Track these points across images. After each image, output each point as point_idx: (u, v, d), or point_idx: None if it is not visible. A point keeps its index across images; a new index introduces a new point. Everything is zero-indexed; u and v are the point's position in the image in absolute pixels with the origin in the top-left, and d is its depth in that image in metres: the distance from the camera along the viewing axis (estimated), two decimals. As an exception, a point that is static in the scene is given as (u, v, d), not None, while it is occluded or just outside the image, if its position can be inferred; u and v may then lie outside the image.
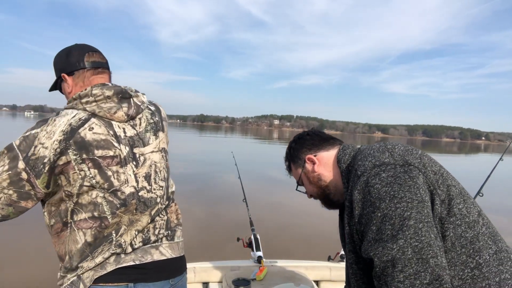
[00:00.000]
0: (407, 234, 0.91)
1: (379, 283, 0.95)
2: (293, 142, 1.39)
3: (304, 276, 2.63)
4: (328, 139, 1.35)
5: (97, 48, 1.41)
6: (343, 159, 1.22)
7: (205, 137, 46.12)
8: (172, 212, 1.45)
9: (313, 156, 1.31)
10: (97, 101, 1.26)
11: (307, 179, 1.34)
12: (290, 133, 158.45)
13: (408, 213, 0.93)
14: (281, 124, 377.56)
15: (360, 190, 1.03)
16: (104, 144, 1.22)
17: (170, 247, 1.39)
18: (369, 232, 0.98)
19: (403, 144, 1.12)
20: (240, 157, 9.93)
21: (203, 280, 2.65)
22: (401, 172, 1.00)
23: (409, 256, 0.89)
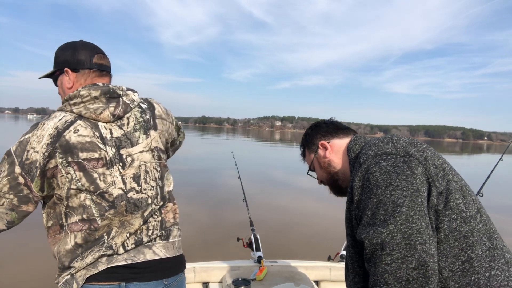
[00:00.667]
0: (398, 220, 0.94)
1: (368, 264, 0.99)
2: (310, 128, 1.46)
3: (304, 276, 2.63)
4: (343, 129, 1.40)
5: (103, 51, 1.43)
6: (353, 148, 1.27)
7: (207, 139, 46.13)
8: (168, 212, 1.42)
9: (326, 142, 1.36)
10: (84, 102, 1.26)
11: (318, 164, 1.40)
12: (292, 134, 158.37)
13: (401, 200, 0.97)
14: (283, 125, 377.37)
15: (360, 177, 1.07)
16: (89, 146, 1.23)
17: (164, 247, 1.36)
18: (364, 217, 1.02)
19: (409, 138, 1.14)
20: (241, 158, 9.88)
21: (203, 280, 2.65)
22: (400, 162, 1.04)
23: (398, 241, 0.92)
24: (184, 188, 9.10)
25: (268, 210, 7.89)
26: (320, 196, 10.22)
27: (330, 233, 6.38)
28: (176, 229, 1.44)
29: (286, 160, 22.31)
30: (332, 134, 1.38)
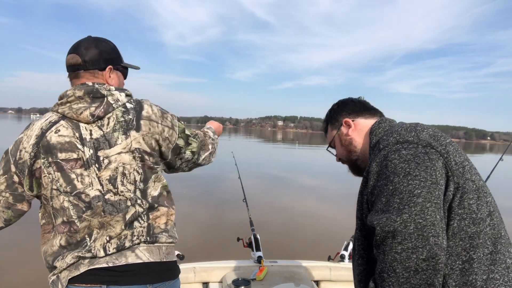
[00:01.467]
0: (413, 210, 0.93)
1: (377, 251, 0.98)
2: (336, 104, 1.43)
3: (304, 276, 2.63)
4: (370, 109, 1.37)
5: None
6: (376, 131, 1.25)
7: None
8: (158, 217, 1.33)
9: (351, 120, 1.34)
10: (69, 102, 1.27)
11: (339, 142, 1.38)
12: (294, 134, 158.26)
13: (418, 191, 0.95)
14: (285, 125, 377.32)
15: (379, 163, 1.05)
16: (68, 146, 1.23)
17: (148, 250, 1.28)
18: (378, 203, 1.01)
19: (434, 129, 1.11)
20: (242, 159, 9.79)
21: (203, 280, 2.65)
22: (421, 153, 1.01)
23: (411, 231, 0.91)
24: (184, 189, 9.13)
25: (268, 210, 7.89)
26: (320, 197, 10.23)
27: (330, 233, 6.37)
28: (166, 236, 1.33)
29: (287, 160, 22.33)
30: (358, 113, 1.36)
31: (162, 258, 1.32)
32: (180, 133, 1.41)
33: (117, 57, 1.44)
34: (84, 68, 1.34)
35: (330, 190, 11.45)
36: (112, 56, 1.41)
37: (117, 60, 1.44)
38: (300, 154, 27.98)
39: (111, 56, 1.41)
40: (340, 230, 5.63)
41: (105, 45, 1.40)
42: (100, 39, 1.41)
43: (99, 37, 1.42)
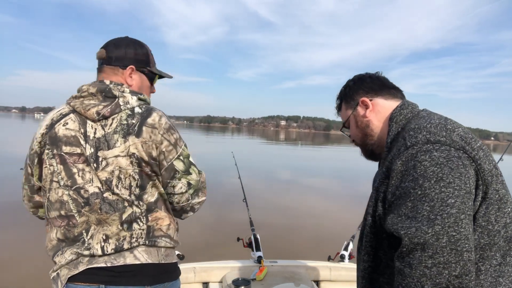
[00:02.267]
0: (446, 221, 0.86)
1: (401, 263, 0.91)
2: (351, 81, 1.29)
3: (304, 276, 2.63)
4: (389, 87, 1.24)
5: None
6: (397, 118, 1.14)
7: (211, 138, 46.21)
8: (158, 219, 1.30)
9: (369, 100, 1.22)
10: (82, 97, 1.29)
11: (354, 123, 1.27)
12: (297, 133, 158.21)
13: (452, 200, 0.87)
14: (287, 124, 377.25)
15: (405, 161, 0.96)
16: (73, 140, 1.25)
17: (146, 252, 1.27)
18: (402, 207, 0.93)
19: (464, 129, 1.01)
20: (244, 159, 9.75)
21: (203, 280, 2.66)
22: (454, 156, 0.92)
23: (443, 244, 0.84)
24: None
25: (268, 210, 7.88)
26: (320, 197, 10.22)
27: (330, 233, 6.35)
28: (166, 241, 1.31)
29: (287, 160, 22.32)
30: (377, 92, 1.23)
31: (161, 259, 1.30)
32: (183, 157, 1.32)
33: (144, 60, 1.43)
34: (107, 63, 1.37)
35: (330, 190, 11.42)
36: (138, 57, 1.40)
37: (143, 63, 1.42)
38: (302, 154, 27.94)
39: (137, 58, 1.40)
40: (340, 230, 5.61)
41: (134, 46, 1.41)
42: (134, 41, 1.42)
43: (135, 39, 1.43)
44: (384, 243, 1.06)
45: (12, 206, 6.13)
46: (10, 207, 6.27)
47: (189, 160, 1.34)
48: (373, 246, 1.09)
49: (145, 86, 1.45)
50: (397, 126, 1.13)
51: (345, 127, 1.34)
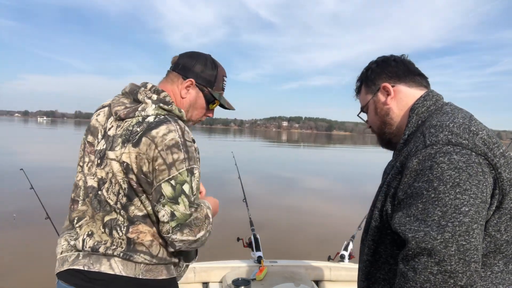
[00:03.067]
0: (458, 230, 0.83)
1: (405, 266, 0.88)
2: (374, 63, 1.21)
3: (304, 276, 2.63)
4: (414, 74, 1.17)
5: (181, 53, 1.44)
6: (419, 110, 1.08)
7: (213, 140, 46.22)
8: (141, 233, 1.22)
9: (391, 86, 1.15)
10: (122, 94, 1.36)
11: (374, 109, 1.21)
12: (298, 134, 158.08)
13: (466, 208, 0.84)
14: (289, 125, 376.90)
15: (422, 160, 0.91)
16: (95, 132, 1.31)
17: (122, 263, 1.20)
18: (412, 207, 0.89)
19: (488, 132, 0.95)
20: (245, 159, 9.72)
21: (203, 280, 2.66)
22: (475, 162, 0.88)
23: (451, 253, 0.82)
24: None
25: (268, 210, 7.88)
26: (321, 197, 10.20)
27: (330, 233, 6.35)
28: (145, 258, 1.21)
29: (288, 160, 22.29)
30: (400, 78, 1.16)
31: (138, 274, 1.21)
32: (176, 182, 1.16)
33: (208, 80, 1.38)
34: (173, 68, 1.39)
35: (330, 191, 11.41)
36: (203, 75, 1.37)
37: (206, 81, 1.38)
38: (303, 155, 27.93)
39: (202, 75, 1.37)
40: (340, 230, 5.62)
41: (206, 64, 1.38)
42: (210, 60, 1.40)
43: (213, 59, 1.41)
44: (387, 239, 1.04)
45: (20, 209, 6.15)
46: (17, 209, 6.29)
47: (182, 188, 1.16)
48: (375, 240, 1.07)
49: (199, 105, 1.40)
50: (418, 118, 1.08)
51: (363, 111, 1.27)
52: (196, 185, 1.21)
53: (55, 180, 9.60)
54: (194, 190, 1.20)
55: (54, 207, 2.83)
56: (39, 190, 2.76)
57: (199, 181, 1.24)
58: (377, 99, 1.19)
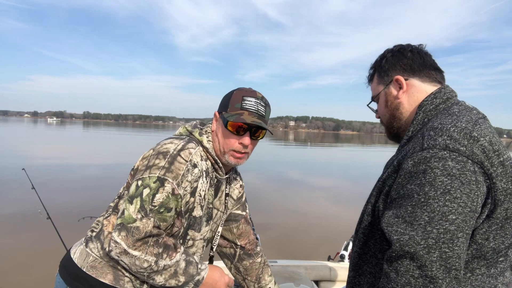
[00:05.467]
0: (442, 237, 0.83)
1: (388, 267, 0.89)
2: (390, 52, 1.17)
3: (304, 276, 2.62)
4: (430, 68, 1.12)
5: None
6: (427, 107, 1.06)
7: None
8: (109, 223, 1.28)
9: (404, 79, 1.12)
10: None
11: (384, 101, 1.18)
12: (306, 134, 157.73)
13: (454, 216, 0.84)
14: (296, 125, 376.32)
15: (416, 163, 0.90)
16: None
17: (80, 251, 1.29)
18: (402, 208, 0.89)
19: (492, 138, 0.93)
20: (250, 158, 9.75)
21: None
22: (469, 170, 0.86)
23: (433, 259, 0.83)
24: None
25: (268, 210, 7.88)
26: (320, 197, 10.16)
27: (330, 233, 6.33)
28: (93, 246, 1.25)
29: (289, 160, 22.23)
30: (415, 71, 1.12)
31: (83, 266, 1.22)
32: (142, 183, 1.15)
33: (223, 104, 1.33)
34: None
35: (330, 191, 11.36)
36: (221, 102, 1.36)
37: (221, 107, 1.34)
38: (307, 154, 27.85)
39: (221, 103, 1.35)
40: (340, 230, 5.60)
41: (227, 95, 1.35)
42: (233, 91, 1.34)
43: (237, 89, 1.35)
44: (377, 234, 1.06)
45: (20, 209, 6.21)
46: (18, 209, 6.35)
47: (142, 191, 1.13)
48: (366, 234, 1.08)
49: (220, 132, 1.31)
50: (424, 116, 1.06)
51: (374, 101, 1.24)
52: (163, 199, 1.13)
53: (57, 180, 9.68)
54: (155, 200, 1.12)
55: (55, 207, 2.85)
56: (40, 190, 2.78)
57: (169, 198, 1.14)
58: (389, 92, 1.16)
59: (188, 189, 1.19)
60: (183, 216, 1.21)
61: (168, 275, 1.14)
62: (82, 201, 7.27)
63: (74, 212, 5.14)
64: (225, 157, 1.31)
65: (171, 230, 1.21)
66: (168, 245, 1.16)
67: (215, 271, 1.28)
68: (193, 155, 1.21)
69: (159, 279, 1.14)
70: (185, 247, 1.26)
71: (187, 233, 1.27)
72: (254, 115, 1.28)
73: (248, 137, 1.29)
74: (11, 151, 17.21)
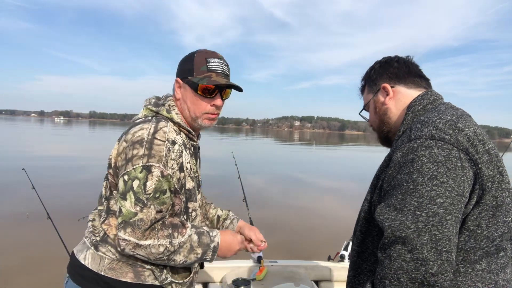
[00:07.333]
0: (431, 220, 0.86)
1: (382, 255, 0.92)
2: (378, 63, 1.26)
3: (304, 276, 2.62)
4: (415, 75, 1.20)
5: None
6: (415, 108, 1.12)
7: (225, 139, 46.34)
8: (110, 227, 1.25)
9: (390, 87, 1.20)
10: None
11: (373, 108, 1.26)
12: (311, 134, 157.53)
13: (441, 200, 0.87)
14: (301, 125, 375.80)
15: (405, 153, 0.95)
16: None
17: (92, 256, 1.25)
18: (392, 197, 0.93)
19: (476, 130, 0.97)
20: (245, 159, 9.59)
21: (203, 280, 2.66)
22: (455, 157, 0.91)
23: (424, 242, 0.85)
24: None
25: (269, 210, 7.89)
26: (320, 197, 10.14)
27: (330, 233, 6.33)
28: (109, 249, 1.23)
29: (289, 160, 22.20)
30: (400, 79, 1.20)
31: (101, 270, 1.22)
32: (129, 177, 1.14)
33: (186, 69, 1.31)
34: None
35: (330, 191, 11.34)
36: (183, 67, 1.32)
37: (186, 72, 1.31)
38: (310, 154, 27.82)
39: (182, 68, 1.33)
40: (340, 230, 5.57)
41: (184, 59, 1.34)
42: (189, 54, 1.35)
43: (193, 51, 1.35)
44: (374, 231, 1.08)
45: (21, 209, 6.25)
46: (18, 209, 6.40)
47: (132, 184, 1.13)
48: (363, 232, 1.10)
49: (190, 98, 1.31)
50: (413, 116, 1.11)
51: (365, 109, 1.33)
52: (155, 184, 1.14)
53: (58, 180, 9.72)
54: (148, 188, 1.13)
55: (56, 207, 2.87)
56: (41, 190, 2.79)
57: (160, 181, 1.15)
58: (377, 99, 1.24)
59: (175, 167, 1.21)
60: (180, 192, 1.24)
61: (186, 251, 1.18)
62: (83, 200, 7.28)
63: (74, 212, 5.17)
64: (198, 121, 1.33)
65: (173, 209, 1.24)
66: (175, 224, 1.19)
67: (226, 234, 1.32)
68: (168, 133, 1.21)
69: (179, 258, 1.17)
70: (191, 221, 1.29)
71: (188, 207, 1.30)
72: (221, 76, 1.30)
73: (220, 98, 1.32)
74: (23, 150, 17.32)
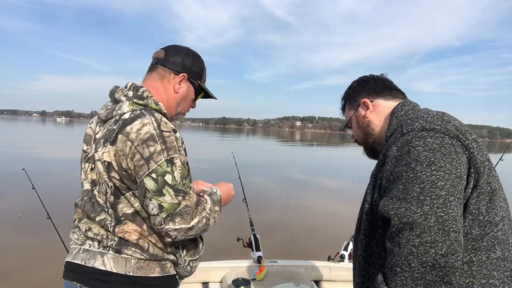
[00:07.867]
0: (435, 202, 0.88)
1: (391, 244, 0.92)
2: (355, 82, 1.35)
3: (304, 276, 2.62)
4: (391, 89, 1.30)
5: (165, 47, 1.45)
6: (398, 113, 1.19)
7: (226, 139, 46.33)
8: (126, 232, 1.23)
9: (369, 101, 1.28)
10: (110, 99, 1.39)
11: (356, 123, 1.33)
12: (312, 134, 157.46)
13: (442, 183, 0.90)
14: (303, 125, 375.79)
15: (400, 147, 0.99)
16: (87, 139, 1.35)
17: (114, 260, 1.22)
18: (394, 189, 0.95)
19: (460, 122, 1.04)
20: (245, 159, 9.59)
21: (203, 280, 2.67)
22: (448, 143, 0.96)
23: (431, 224, 0.86)
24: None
25: (269, 210, 7.88)
26: (320, 197, 10.14)
27: (330, 233, 6.32)
28: (135, 251, 1.23)
29: (289, 160, 22.20)
30: (378, 93, 1.28)
31: (129, 271, 1.22)
32: (157, 174, 1.15)
33: (198, 73, 1.44)
34: (161, 63, 1.39)
35: (330, 191, 11.35)
36: (193, 69, 1.42)
37: (196, 75, 1.44)
38: (311, 154, 27.80)
39: (192, 68, 1.42)
40: (340, 230, 5.57)
41: (193, 58, 1.43)
42: (194, 53, 1.45)
43: (195, 52, 1.46)
44: (378, 233, 1.07)
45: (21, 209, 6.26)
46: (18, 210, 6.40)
47: (164, 179, 1.15)
48: (367, 235, 1.09)
49: (189, 98, 1.46)
50: (398, 121, 1.17)
51: (347, 127, 1.39)
52: (181, 173, 1.18)
53: (58, 180, 9.72)
54: (178, 178, 1.17)
55: (56, 207, 2.87)
56: (41, 190, 2.80)
57: (183, 169, 1.20)
58: (358, 114, 1.31)
59: (183, 152, 1.27)
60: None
61: (213, 213, 1.27)
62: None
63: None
64: (173, 118, 1.45)
65: None
66: (196, 196, 1.26)
67: (220, 184, 1.47)
68: (167, 123, 1.24)
69: (211, 222, 1.26)
70: None
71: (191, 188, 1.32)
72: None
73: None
74: (23, 150, 17.34)
